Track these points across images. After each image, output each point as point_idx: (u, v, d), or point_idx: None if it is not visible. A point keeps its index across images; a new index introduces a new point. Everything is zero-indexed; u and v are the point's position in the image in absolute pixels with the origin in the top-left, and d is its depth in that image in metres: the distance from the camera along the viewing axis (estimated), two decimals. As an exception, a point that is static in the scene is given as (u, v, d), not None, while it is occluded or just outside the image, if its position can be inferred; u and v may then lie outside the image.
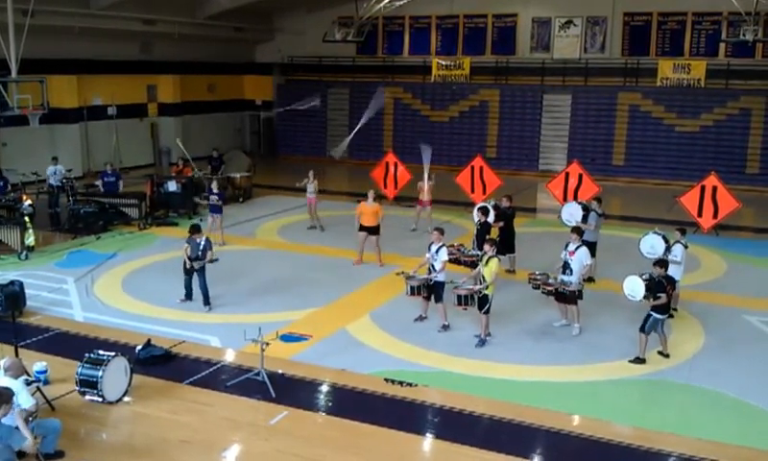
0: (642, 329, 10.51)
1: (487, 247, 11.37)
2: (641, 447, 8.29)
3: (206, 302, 12.64)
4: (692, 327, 12.02)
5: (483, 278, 11.15)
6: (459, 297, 11.19)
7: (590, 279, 13.59)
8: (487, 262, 11.08)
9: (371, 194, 15.63)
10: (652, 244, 12.83)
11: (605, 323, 12.11)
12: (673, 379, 10.03)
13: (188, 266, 12.52)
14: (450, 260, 12.41)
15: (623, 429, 8.66)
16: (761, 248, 17.24)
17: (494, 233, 14.00)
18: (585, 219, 14.21)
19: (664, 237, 12.77)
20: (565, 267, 11.62)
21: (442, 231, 11.92)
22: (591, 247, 13.56)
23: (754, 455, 8.15)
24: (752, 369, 10.44)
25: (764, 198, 23.79)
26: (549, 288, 11.76)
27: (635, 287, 10.77)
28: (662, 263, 10.82)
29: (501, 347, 11.10)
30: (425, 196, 18.16)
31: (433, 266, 11.58)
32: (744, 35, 21.63)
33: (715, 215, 17.95)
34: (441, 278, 11.61)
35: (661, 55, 27.29)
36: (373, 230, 15.20)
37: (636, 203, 22.95)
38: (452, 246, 13.23)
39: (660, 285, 10.45)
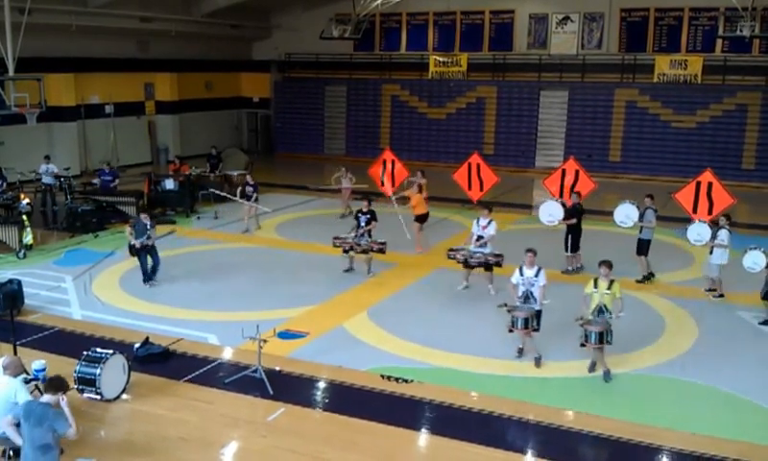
0: (765, 297, 11.87)
1: (606, 269, 9.93)
2: (634, 440, 8.35)
3: (150, 277, 13.63)
4: (686, 322, 12.09)
5: (605, 307, 9.80)
6: (600, 334, 9.65)
7: (651, 275, 14.14)
8: (610, 286, 9.82)
9: (415, 187, 16.97)
10: (698, 231, 13.83)
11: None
12: (667, 375, 10.10)
13: (138, 246, 13.33)
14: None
15: (618, 424, 8.71)
16: (756, 244, 17.24)
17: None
18: (641, 217, 14.35)
19: (708, 224, 13.75)
20: (480, 240, 13.14)
21: (535, 252, 10.57)
22: (647, 244, 14.09)
23: (747, 449, 8.20)
24: (745, 364, 10.52)
25: (760, 194, 23.87)
26: (479, 260, 13.03)
27: (757, 259, 12.36)
28: None
29: (498, 343, 11.14)
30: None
31: (531, 293, 10.30)
32: (741, 30, 21.62)
33: (710, 211, 17.96)
34: (539, 306, 10.43)
35: (658, 51, 27.33)
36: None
37: (633, 199, 22.93)
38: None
39: None
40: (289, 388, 9.54)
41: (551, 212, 15.09)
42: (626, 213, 14.89)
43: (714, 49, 26.60)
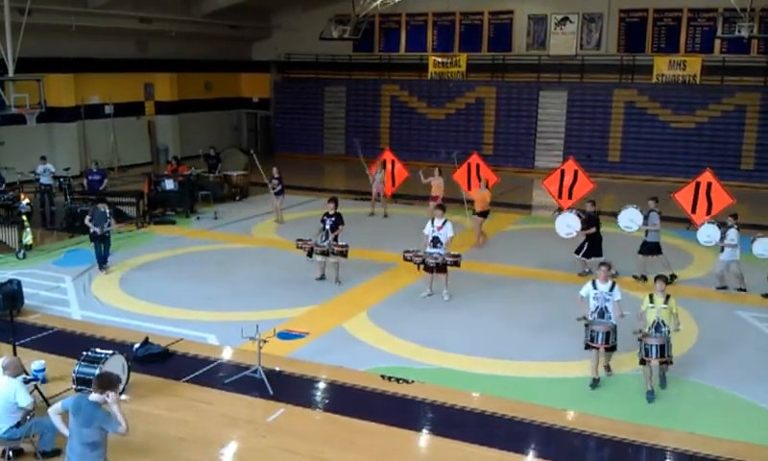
0: None
1: (662, 284, 9.72)
2: (628, 439, 8.38)
3: (104, 264, 14.46)
4: (685, 322, 12.07)
5: (662, 322, 9.52)
6: (662, 347, 9.45)
7: (674, 277, 13.95)
8: (666, 301, 9.58)
9: (483, 182, 17.52)
10: (708, 233, 14.20)
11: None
12: (666, 374, 10.10)
13: (99, 233, 14.08)
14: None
15: (617, 424, 8.74)
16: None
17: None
18: (645, 220, 14.40)
19: (718, 224, 14.03)
20: (435, 241, 12.89)
21: (610, 266, 10.45)
22: (656, 247, 14.15)
23: (746, 449, 8.22)
24: (744, 364, 10.55)
25: (758, 194, 23.90)
26: (436, 261, 12.80)
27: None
28: None
29: (498, 343, 11.18)
30: (438, 191, 18.64)
31: (606, 308, 9.90)
32: (739, 31, 21.63)
33: (709, 211, 18.00)
34: (615, 321, 9.98)
35: (657, 51, 27.38)
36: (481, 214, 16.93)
37: (632, 199, 22.94)
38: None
39: None
40: (288, 388, 9.56)
41: (569, 223, 15.07)
42: (630, 217, 14.98)
43: (713, 50, 26.65)
